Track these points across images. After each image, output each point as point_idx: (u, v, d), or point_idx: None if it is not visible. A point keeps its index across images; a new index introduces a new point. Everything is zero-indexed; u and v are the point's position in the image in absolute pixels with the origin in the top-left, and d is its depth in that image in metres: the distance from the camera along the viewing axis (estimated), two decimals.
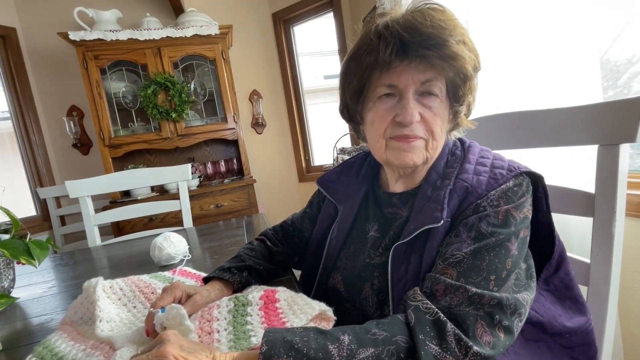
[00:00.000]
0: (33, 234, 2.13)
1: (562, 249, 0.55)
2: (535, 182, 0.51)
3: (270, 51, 2.72)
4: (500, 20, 1.08)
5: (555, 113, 0.61)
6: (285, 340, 0.37)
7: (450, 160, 0.55)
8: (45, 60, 2.34)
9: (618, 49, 0.98)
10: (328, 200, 0.68)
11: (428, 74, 0.49)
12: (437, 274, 0.45)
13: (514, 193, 0.48)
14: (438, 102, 0.51)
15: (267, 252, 0.70)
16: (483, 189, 0.48)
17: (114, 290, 0.61)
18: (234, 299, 0.52)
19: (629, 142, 0.52)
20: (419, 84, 0.50)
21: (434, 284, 0.44)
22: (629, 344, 0.90)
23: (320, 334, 0.39)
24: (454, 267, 0.44)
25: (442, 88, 0.51)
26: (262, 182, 2.73)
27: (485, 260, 0.44)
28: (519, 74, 1.04)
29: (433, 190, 0.53)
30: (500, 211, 0.46)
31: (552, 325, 0.51)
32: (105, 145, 2.13)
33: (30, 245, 0.75)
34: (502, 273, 0.43)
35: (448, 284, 0.42)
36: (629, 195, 0.86)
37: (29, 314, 0.70)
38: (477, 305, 0.41)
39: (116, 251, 1.13)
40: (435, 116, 0.51)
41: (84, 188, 1.30)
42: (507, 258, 0.44)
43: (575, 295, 0.55)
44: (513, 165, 0.50)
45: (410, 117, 0.49)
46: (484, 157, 0.53)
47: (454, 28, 0.48)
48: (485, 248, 0.44)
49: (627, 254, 0.87)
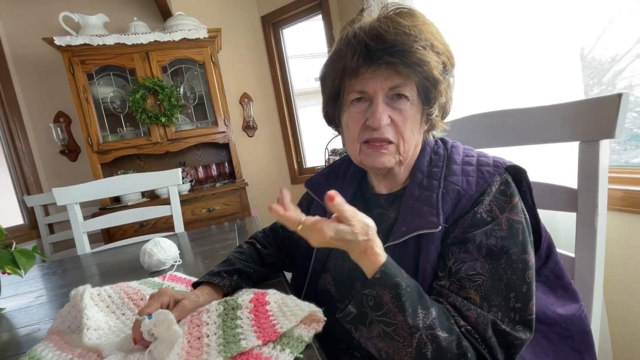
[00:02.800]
0: (21, 243, 2.09)
1: (549, 239, 0.56)
2: (519, 177, 0.52)
3: (260, 54, 2.72)
4: (486, 19, 1.10)
5: (538, 111, 0.63)
6: (395, 280, 0.43)
7: (434, 159, 0.56)
8: (30, 66, 2.30)
9: (602, 47, 1.01)
10: (316, 202, 0.68)
11: (395, 80, 0.51)
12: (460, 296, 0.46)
13: (503, 193, 0.49)
14: (409, 105, 0.52)
15: (257, 255, 0.70)
16: (474, 190, 0.49)
17: (102, 298, 0.60)
18: (224, 302, 0.52)
19: (608, 138, 0.53)
20: (387, 89, 0.51)
21: (464, 309, 0.45)
22: (616, 333, 0.92)
23: (419, 294, 0.44)
24: (475, 291, 0.45)
25: (412, 91, 0.52)
26: (255, 185, 2.72)
27: (503, 281, 0.45)
28: (504, 72, 1.06)
29: (420, 190, 0.53)
30: (502, 221, 0.47)
31: (546, 314, 0.52)
32: (93, 151, 2.10)
33: (15, 255, 0.73)
34: (522, 288, 0.45)
35: (480, 314, 0.44)
36: (611, 190, 0.88)
37: (16, 324, 0.68)
38: (502, 340, 0.44)
39: (106, 258, 1.11)
40: (406, 119, 0.52)
41: (72, 195, 1.28)
42: (526, 271, 0.46)
43: (566, 283, 0.56)
44: (498, 161, 0.51)
45: (378, 121, 0.51)
46: (469, 156, 0.54)
47: (419, 33, 0.49)
48: (501, 267, 0.46)
49: (611, 247, 0.90)
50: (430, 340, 0.41)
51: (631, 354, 0.90)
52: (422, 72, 0.49)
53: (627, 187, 0.86)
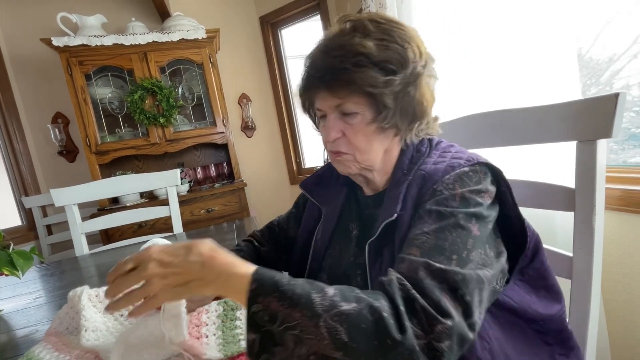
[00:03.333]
0: (19, 244, 2.08)
1: (536, 239, 0.55)
2: (497, 177, 0.51)
3: (258, 54, 2.71)
4: (484, 20, 1.10)
5: (536, 111, 0.63)
6: (274, 280, 0.39)
7: (415, 157, 0.56)
8: (28, 67, 2.29)
9: (599, 47, 1.01)
10: (311, 203, 0.70)
11: (335, 101, 0.53)
12: (402, 254, 0.45)
13: (469, 178, 0.48)
14: (359, 119, 0.53)
15: (254, 253, 0.71)
16: (440, 175, 0.49)
17: (100, 299, 0.60)
18: (223, 303, 0.52)
19: (605, 137, 0.53)
20: (334, 107, 0.54)
21: (399, 262, 0.44)
22: (614, 332, 0.92)
23: (308, 283, 0.40)
24: (417, 247, 0.44)
25: (359, 106, 0.52)
26: (253, 186, 2.72)
27: (447, 240, 0.44)
28: (502, 72, 1.06)
29: (395, 187, 0.54)
30: (457, 194, 0.47)
31: (526, 311, 0.52)
32: (91, 152, 2.09)
33: (13, 256, 0.73)
34: (463, 252, 0.43)
35: (412, 261, 0.43)
36: (608, 190, 0.88)
37: (13, 326, 0.68)
38: (440, 279, 0.41)
39: (104, 259, 1.11)
40: (356, 133, 0.54)
41: (70, 196, 1.27)
42: (468, 238, 0.45)
43: (550, 284, 0.56)
44: (472, 157, 0.51)
45: (327, 136, 0.55)
46: (447, 151, 0.55)
47: (353, 55, 0.50)
48: (447, 227, 0.45)
49: (609, 246, 0.90)
50: (338, 321, 0.36)
51: (629, 353, 0.90)
52: (360, 89, 0.50)
53: (625, 187, 0.87)
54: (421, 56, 0.53)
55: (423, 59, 0.53)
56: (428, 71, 0.54)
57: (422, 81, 0.53)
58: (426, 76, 0.54)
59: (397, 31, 0.52)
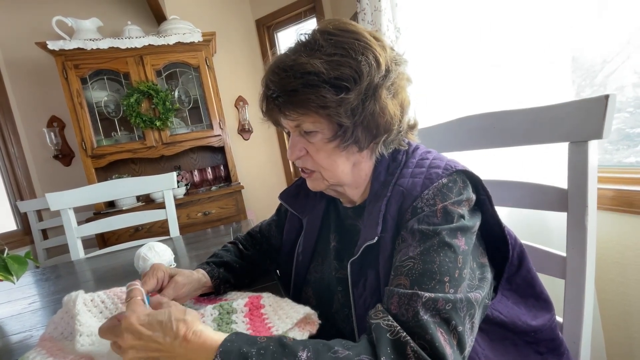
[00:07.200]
0: (14, 249, 2.06)
1: (520, 246, 0.55)
2: (475, 185, 0.50)
3: (254, 57, 2.72)
4: (478, 22, 1.11)
5: (528, 113, 0.63)
6: (240, 352, 0.36)
7: (391, 167, 0.55)
8: (23, 71, 2.28)
9: (593, 49, 1.02)
10: (291, 213, 0.69)
11: (291, 120, 0.52)
12: (391, 287, 0.43)
13: (449, 189, 0.47)
14: (319, 138, 0.52)
15: (239, 254, 0.73)
16: (418, 190, 0.48)
17: (95, 304, 0.59)
18: (219, 307, 0.52)
19: (596, 138, 0.54)
20: (293, 126, 0.54)
21: (389, 297, 0.42)
22: (610, 332, 0.92)
23: (281, 347, 0.37)
24: (405, 275, 0.42)
25: (318, 124, 0.51)
26: (250, 188, 2.72)
27: (435, 262, 0.42)
28: (496, 75, 1.07)
29: (375, 201, 0.53)
30: (438, 209, 0.45)
31: (516, 324, 0.51)
32: (87, 156, 2.08)
33: (7, 261, 0.72)
34: (454, 272, 0.42)
35: (401, 294, 0.40)
36: (603, 190, 0.89)
37: (7, 331, 0.67)
38: (432, 313, 0.39)
39: (100, 263, 1.10)
40: (318, 150, 0.53)
41: (65, 200, 1.27)
42: (457, 255, 0.43)
43: (538, 292, 0.56)
44: (450, 164, 0.50)
45: (289, 155, 0.56)
46: (424, 159, 0.53)
47: (301, 75, 0.48)
48: (432, 248, 0.43)
49: (603, 246, 0.91)
50: None
51: (624, 352, 0.91)
52: (312, 108, 0.49)
53: (619, 187, 0.88)
54: (379, 66, 0.49)
55: (382, 69, 0.49)
56: (390, 80, 0.50)
57: (382, 93, 0.49)
58: (387, 87, 0.50)
59: (350, 43, 0.48)
